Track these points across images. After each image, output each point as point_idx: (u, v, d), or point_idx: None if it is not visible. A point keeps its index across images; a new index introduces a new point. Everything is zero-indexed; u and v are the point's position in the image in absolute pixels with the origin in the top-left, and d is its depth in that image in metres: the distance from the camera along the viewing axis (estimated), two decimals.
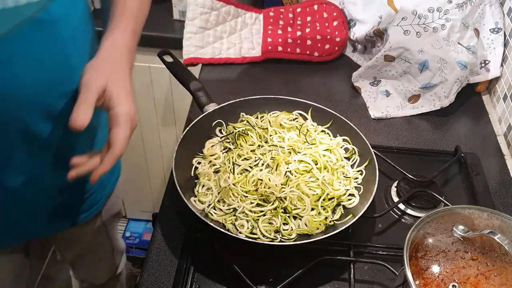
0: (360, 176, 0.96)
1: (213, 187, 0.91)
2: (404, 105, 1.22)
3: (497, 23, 1.21)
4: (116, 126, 0.69)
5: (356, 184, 0.95)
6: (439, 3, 1.16)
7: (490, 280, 0.68)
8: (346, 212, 0.91)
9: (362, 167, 0.97)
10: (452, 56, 1.16)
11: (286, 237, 0.86)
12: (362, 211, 0.86)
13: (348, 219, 0.88)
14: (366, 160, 0.97)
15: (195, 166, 0.97)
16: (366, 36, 1.29)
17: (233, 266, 0.82)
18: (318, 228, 0.87)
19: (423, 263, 0.71)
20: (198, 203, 0.90)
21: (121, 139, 0.69)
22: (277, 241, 0.84)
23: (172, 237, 0.91)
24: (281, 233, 0.86)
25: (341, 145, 1.01)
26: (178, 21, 1.45)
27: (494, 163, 1.10)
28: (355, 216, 0.86)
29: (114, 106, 0.69)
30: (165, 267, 0.86)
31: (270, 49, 1.33)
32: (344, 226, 0.84)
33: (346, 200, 0.93)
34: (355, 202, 0.93)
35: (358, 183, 0.96)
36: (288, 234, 0.86)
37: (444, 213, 0.75)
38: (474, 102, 1.27)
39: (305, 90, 1.27)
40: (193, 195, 0.92)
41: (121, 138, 0.69)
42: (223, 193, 0.90)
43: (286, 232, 0.86)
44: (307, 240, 0.83)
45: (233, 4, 1.39)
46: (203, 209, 0.89)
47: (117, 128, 0.69)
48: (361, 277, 0.86)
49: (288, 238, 0.86)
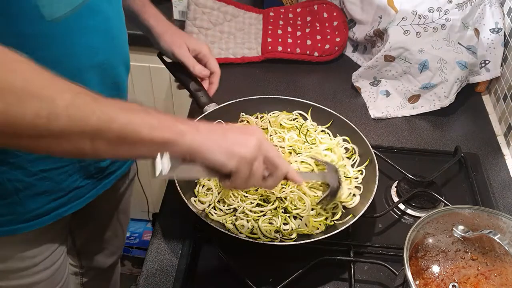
0: (361, 176, 0.96)
1: (213, 187, 0.91)
2: (404, 105, 1.22)
3: (497, 23, 1.21)
4: (210, 59, 1.05)
5: (356, 184, 0.95)
6: (439, 3, 1.16)
7: (490, 280, 0.68)
8: (346, 212, 0.91)
9: (362, 167, 0.97)
10: (452, 56, 1.16)
11: (287, 237, 0.86)
12: (363, 211, 0.86)
13: (348, 219, 0.88)
14: (366, 160, 0.97)
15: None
16: (366, 36, 1.29)
17: (233, 266, 0.82)
18: (318, 228, 0.87)
19: (423, 263, 0.71)
20: (198, 203, 0.90)
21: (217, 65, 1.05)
22: (278, 241, 0.84)
23: (172, 237, 0.91)
24: (281, 233, 0.86)
25: (341, 144, 1.01)
26: (178, 21, 1.45)
27: (494, 163, 1.10)
28: (355, 216, 0.86)
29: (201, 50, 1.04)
30: (165, 267, 0.86)
31: (270, 49, 1.33)
32: (344, 226, 0.84)
33: (347, 200, 0.93)
34: (355, 202, 0.93)
35: (359, 183, 0.96)
36: (289, 234, 0.86)
37: (444, 213, 0.75)
38: (474, 102, 1.27)
39: (305, 90, 1.27)
40: (193, 196, 0.92)
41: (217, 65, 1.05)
42: (223, 193, 0.90)
43: (286, 232, 0.86)
44: (307, 240, 0.83)
45: (233, 4, 1.39)
46: (203, 209, 0.89)
47: (212, 60, 1.05)
48: (361, 277, 0.86)
49: (288, 238, 0.86)
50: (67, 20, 0.70)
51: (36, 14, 0.67)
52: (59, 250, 1.00)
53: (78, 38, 0.74)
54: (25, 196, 0.82)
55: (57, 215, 0.89)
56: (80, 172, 0.88)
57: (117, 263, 1.38)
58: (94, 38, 0.77)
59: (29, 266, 0.94)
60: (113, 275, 1.40)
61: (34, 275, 0.96)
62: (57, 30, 0.70)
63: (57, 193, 0.86)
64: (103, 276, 1.37)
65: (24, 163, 0.79)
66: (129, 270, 2.01)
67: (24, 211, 0.84)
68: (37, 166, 0.80)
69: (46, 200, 0.86)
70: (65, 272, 1.07)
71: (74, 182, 0.88)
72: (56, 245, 0.98)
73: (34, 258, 0.94)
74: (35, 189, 0.83)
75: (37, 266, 0.95)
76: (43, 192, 0.84)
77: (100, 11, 0.76)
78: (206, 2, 1.37)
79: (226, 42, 1.35)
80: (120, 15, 0.85)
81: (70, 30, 0.72)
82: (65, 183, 0.86)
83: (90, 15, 0.74)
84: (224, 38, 1.36)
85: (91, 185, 0.92)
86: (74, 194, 0.90)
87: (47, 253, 0.96)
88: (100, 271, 1.33)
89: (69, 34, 0.72)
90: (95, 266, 1.30)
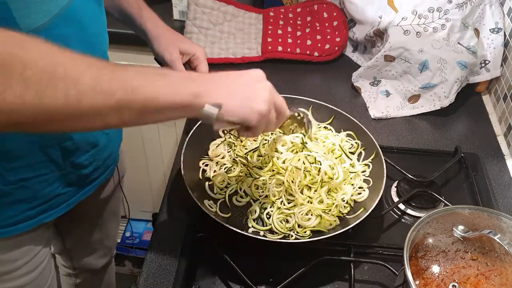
0: (368, 169, 0.97)
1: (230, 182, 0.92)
2: (404, 105, 1.22)
3: (497, 23, 1.21)
4: (201, 63, 1.03)
5: (364, 177, 0.96)
6: (439, 3, 1.16)
7: (490, 280, 0.68)
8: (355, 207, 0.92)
9: (369, 160, 0.98)
10: (452, 56, 1.16)
11: (301, 234, 0.86)
12: (373, 206, 0.86)
13: (353, 218, 0.88)
14: (372, 154, 0.98)
15: (203, 169, 0.97)
16: (366, 36, 1.29)
17: (233, 266, 0.82)
18: (331, 224, 0.88)
19: (423, 263, 0.71)
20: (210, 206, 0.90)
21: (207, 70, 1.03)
22: (293, 238, 0.85)
23: (172, 237, 0.91)
24: (295, 230, 0.86)
25: (345, 139, 1.02)
26: (178, 21, 1.45)
27: (494, 163, 1.10)
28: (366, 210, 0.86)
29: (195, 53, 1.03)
30: (165, 267, 0.86)
31: (270, 49, 1.33)
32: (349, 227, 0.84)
33: (355, 194, 0.94)
34: (364, 196, 0.93)
35: (366, 176, 0.96)
36: (303, 231, 0.86)
37: (444, 213, 0.75)
38: (474, 102, 1.27)
39: (305, 90, 1.27)
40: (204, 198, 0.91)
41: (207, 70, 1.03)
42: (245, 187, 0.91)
43: (300, 229, 0.86)
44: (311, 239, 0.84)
45: (233, 4, 1.39)
46: (215, 211, 0.89)
47: (203, 64, 1.03)
48: (361, 277, 0.86)
49: (302, 235, 0.86)
50: (44, 30, 0.70)
51: (13, 26, 0.66)
52: (42, 253, 0.99)
53: None
54: (2, 204, 0.81)
55: (37, 222, 0.88)
56: (61, 180, 0.87)
57: (110, 263, 1.38)
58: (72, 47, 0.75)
59: (11, 270, 0.93)
60: (106, 275, 1.39)
61: (17, 279, 0.95)
62: None
63: (36, 200, 0.86)
64: (96, 277, 1.36)
65: (2, 171, 0.78)
66: (129, 270, 2.01)
67: (1, 218, 0.83)
68: (16, 175, 0.80)
69: (25, 207, 0.85)
70: (50, 274, 1.06)
71: (55, 190, 0.87)
72: (39, 248, 0.97)
73: (16, 262, 0.93)
74: (13, 197, 0.82)
75: (20, 269, 0.94)
76: (21, 200, 0.84)
77: (77, 19, 0.76)
78: (206, 2, 1.37)
79: (226, 42, 1.35)
80: (99, 22, 0.85)
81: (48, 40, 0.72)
82: (45, 191, 0.86)
83: (66, 23, 0.73)
84: (224, 38, 1.36)
85: (72, 192, 0.92)
86: (55, 202, 0.89)
87: (29, 256, 0.95)
88: (93, 272, 1.33)
89: None
90: (88, 267, 1.30)
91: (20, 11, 0.66)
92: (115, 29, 1.28)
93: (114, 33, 1.21)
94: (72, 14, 0.74)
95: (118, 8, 1.02)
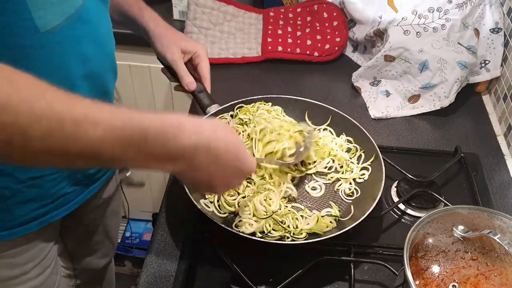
0: (367, 172, 0.97)
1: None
2: (404, 105, 1.22)
3: (497, 23, 1.21)
4: (202, 61, 1.04)
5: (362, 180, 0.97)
6: (439, 3, 1.16)
7: (490, 280, 0.68)
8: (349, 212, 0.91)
9: (368, 163, 0.98)
10: (452, 56, 1.16)
11: (297, 236, 0.86)
12: (372, 207, 0.86)
13: (352, 218, 0.88)
14: (372, 156, 0.98)
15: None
16: (366, 36, 1.29)
17: (233, 266, 0.82)
18: (328, 226, 0.87)
19: (423, 263, 0.71)
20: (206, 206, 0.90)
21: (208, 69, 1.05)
22: (289, 240, 0.84)
23: (172, 237, 0.91)
24: (291, 232, 0.86)
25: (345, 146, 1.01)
26: (178, 21, 1.45)
27: (494, 163, 1.10)
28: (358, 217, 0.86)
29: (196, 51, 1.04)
30: (165, 267, 0.86)
31: (270, 49, 1.33)
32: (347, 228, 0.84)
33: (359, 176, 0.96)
34: (366, 175, 0.96)
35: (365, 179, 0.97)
36: (299, 233, 0.86)
37: (444, 213, 0.75)
38: (474, 102, 1.27)
39: (305, 90, 1.27)
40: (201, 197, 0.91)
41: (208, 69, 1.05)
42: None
43: (297, 230, 0.86)
44: (311, 240, 0.84)
45: (233, 4, 1.39)
46: (212, 211, 0.89)
47: (204, 62, 1.04)
48: (361, 277, 0.86)
49: (298, 237, 0.86)
50: (60, 31, 0.71)
51: (30, 26, 0.67)
52: (50, 255, 0.99)
53: (70, 48, 0.75)
54: (13, 203, 0.82)
55: (44, 221, 0.89)
56: (68, 179, 0.88)
57: (110, 263, 1.38)
58: (85, 47, 0.78)
59: (19, 274, 0.93)
60: (107, 275, 1.39)
61: (26, 283, 0.95)
62: (50, 40, 0.71)
63: (44, 199, 0.86)
64: (97, 277, 1.36)
65: (12, 170, 0.79)
66: (129, 270, 2.01)
67: (11, 218, 0.84)
68: (25, 174, 0.80)
69: (34, 206, 0.85)
70: (57, 277, 1.06)
71: (62, 189, 0.88)
72: (47, 251, 0.98)
73: (25, 266, 0.93)
74: (23, 196, 0.82)
75: (29, 273, 0.94)
76: (31, 199, 0.84)
77: (90, 20, 0.77)
78: (206, 2, 1.37)
79: (226, 42, 1.35)
80: (107, 23, 0.86)
81: (63, 40, 0.73)
82: (53, 190, 0.86)
83: (81, 24, 0.75)
84: (224, 38, 1.36)
85: (78, 191, 0.93)
86: (62, 201, 0.90)
87: (38, 259, 0.95)
88: (93, 273, 1.33)
89: (61, 45, 0.73)
90: (88, 268, 1.30)
91: (39, 11, 0.67)
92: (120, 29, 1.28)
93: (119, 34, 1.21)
94: (85, 15, 0.75)
95: (118, 10, 1.02)
